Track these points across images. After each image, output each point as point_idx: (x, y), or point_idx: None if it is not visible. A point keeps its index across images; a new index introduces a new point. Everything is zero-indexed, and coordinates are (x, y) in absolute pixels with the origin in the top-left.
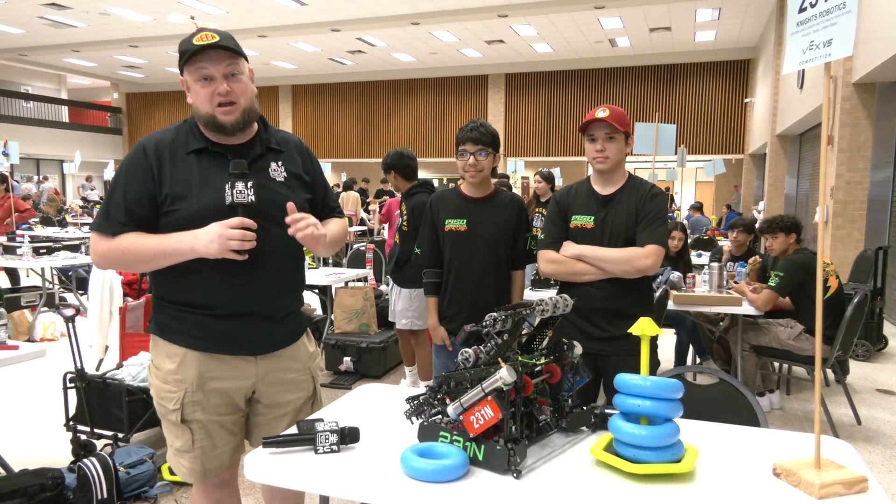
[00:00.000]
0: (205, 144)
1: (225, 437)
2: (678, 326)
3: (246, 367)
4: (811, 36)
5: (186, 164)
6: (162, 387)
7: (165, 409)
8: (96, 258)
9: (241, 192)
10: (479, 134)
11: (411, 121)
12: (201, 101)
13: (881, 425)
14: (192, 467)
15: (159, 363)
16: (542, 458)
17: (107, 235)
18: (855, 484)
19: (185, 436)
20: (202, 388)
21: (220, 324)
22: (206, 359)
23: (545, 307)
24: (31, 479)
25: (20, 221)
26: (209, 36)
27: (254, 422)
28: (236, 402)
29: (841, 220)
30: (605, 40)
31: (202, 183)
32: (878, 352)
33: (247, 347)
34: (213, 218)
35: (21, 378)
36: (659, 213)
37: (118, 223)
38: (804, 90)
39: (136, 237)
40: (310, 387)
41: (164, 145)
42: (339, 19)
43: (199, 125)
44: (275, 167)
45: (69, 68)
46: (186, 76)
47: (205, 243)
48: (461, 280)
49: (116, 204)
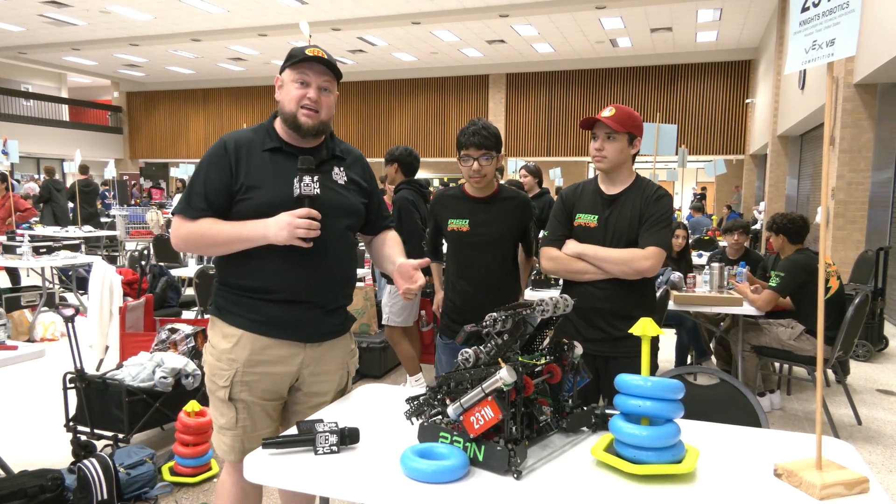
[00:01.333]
0: (279, 144)
1: (265, 421)
2: (679, 327)
3: (294, 354)
4: (814, 35)
5: (261, 160)
6: (215, 364)
7: (215, 386)
8: (176, 239)
9: (307, 185)
10: (481, 138)
11: (412, 120)
12: (290, 100)
13: (882, 426)
14: (233, 444)
15: (216, 342)
16: (542, 458)
17: (188, 218)
18: (856, 484)
19: (230, 413)
20: (252, 369)
21: (277, 308)
22: (260, 341)
23: (545, 307)
24: (31, 481)
25: (20, 221)
26: (317, 51)
27: (291, 410)
28: (280, 388)
29: (842, 221)
30: (606, 40)
31: (274, 176)
32: (879, 352)
33: (298, 333)
34: (281, 208)
35: (21, 378)
36: (663, 215)
37: (198, 209)
38: (805, 91)
39: (213, 222)
40: (343, 381)
41: (242, 143)
42: (340, 18)
43: (275, 127)
44: (337, 171)
45: (69, 67)
46: (286, 75)
47: (275, 230)
48: (463, 280)
49: (197, 192)
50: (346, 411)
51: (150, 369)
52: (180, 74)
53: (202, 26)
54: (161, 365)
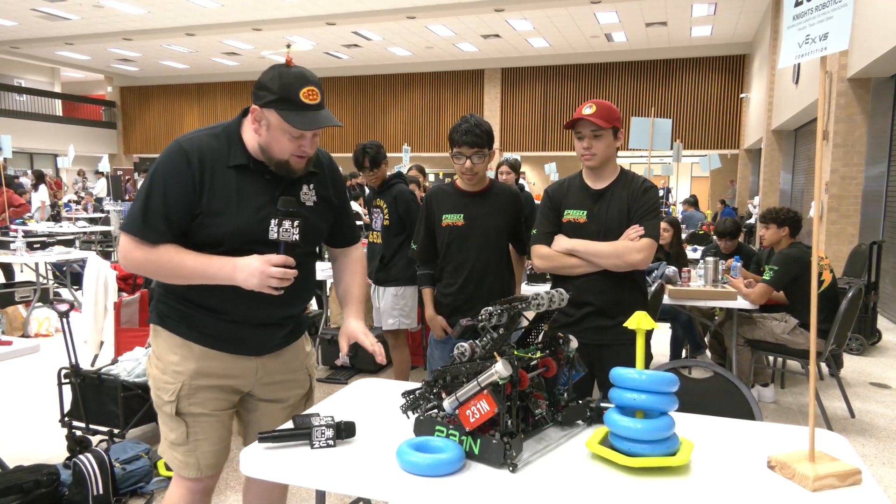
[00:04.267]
0: (247, 162)
1: (220, 432)
2: (673, 321)
3: (246, 366)
4: (807, 30)
5: (226, 179)
6: (160, 377)
7: (161, 401)
8: (129, 263)
9: (287, 230)
10: (474, 136)
11: (407, 115)
12: (280, 149)
13: (875, 418)
14: (187, 460)
15: (160, 353)
16: (537, 451)
17: (145, 243)
18: (848, 476)
19: (180, 428)
20: (200, 382)
21: (226, 325)
22: (208, 354)
23: (541, 301)
24: (27, 476)
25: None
26: (314, 95)
27: (248, 419)
28: (232, 398)
29: (835, 215)
30: (601, 35)
31: (239, 202)
32: (872, 346)
33: (250, 349)
34: (244, 239)
35: (15, 374)
36: (651, 207)
37: (157, 232)
38: (799, 86)
39: (175, 252)
40: (306, 384)
41: (206, 155)
42: (334, 13)
43: (243, 137)
44: (306, 191)
45: (62, 61)
46: (273, 118)
47: (245, 276)
48: (459, 274)
49: (155, 211)
50: (342, 405)
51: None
52: (174, 69)
53: (196, 20)
54: None
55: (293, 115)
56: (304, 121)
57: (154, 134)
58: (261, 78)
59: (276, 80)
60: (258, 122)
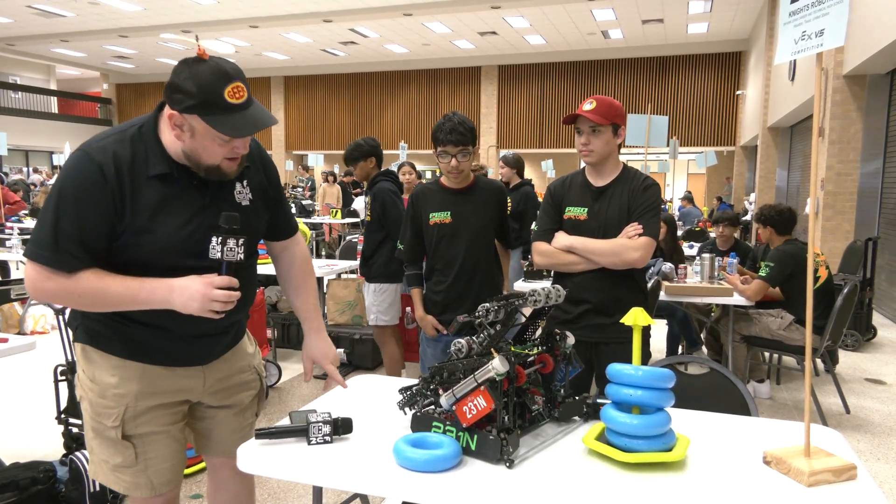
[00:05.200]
0: (170, 170)
1: (171, 446)
2: (670, 317)
3: (193, 377)
4: (803, 26)
5: (146, 189)
6: (99, 402)
7: (102, 426)
8: (38, 295)
9: (231, 249)
10: (458, 135)
11: (404, 112)
12: (209, 154)
13: (870, 414)
14: (137, 482)
15: (95, 376)
16: (534, 447)
17: (59, 272)
18: (844, 471)
19: (127, 451)
20: (145, 402)
21: (167, 341)
22: (151, 371)
23: (537, 298)
24: (23, 473)
25: (10, 214)
26: (240, 92)
27: (199, 427)
28: (182, 409)
29: (831, 212)
30: (597, 32)
31: (165, 215)
32: (867, 342)
33: (195, 360)
34: (174, 256)
35: (11, 371)
36: (651, 205)
37: (73, 258)
38: (795, 82)
39: (96, 278)
40: (256, 385)
41: (123, 165)
42: (331, 10)
43: (161, 141)
44: (240, 189)
45: (58, 58)
46: (196, 123)
47: (183, 300)
48: (449, 271)
49: (68, 234)
50: (339, 401)
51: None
52: (170, 66)
53: (192, 18)
54: None
55: (220, 120)
56: (234, 125)
57: None
58: (172, 77)
59: (193, 81)
60: (179, 128)
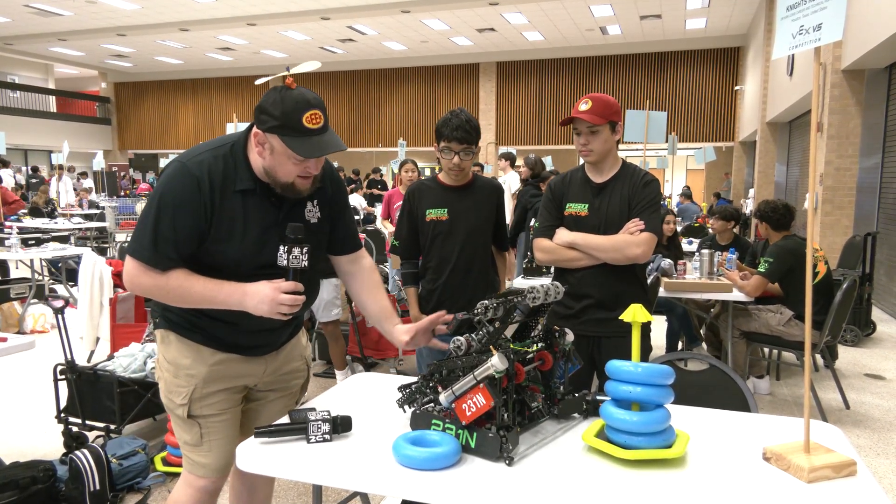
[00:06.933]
0: (254, 186)
1: (232, 431)
2: (669, 313)
3: (256, 365)
4: (801, 20)
5: (233, 203)
6: (172, 381)
7: (173, 404)
8: (134, 288)
9: (297, 257)
10: (464, 133)
11: (403, 110)
12: (285, 172)
13: (869, 409)
14: (205, 462)
15: (171, 358)
16: (534, 444)
17: (154, 270)
18: (844, 468)
19: (194, 430)
20: (211, 385)
21: (238, 334)
22: (220, 358)
23: (536, 295)
24: (23, 472)
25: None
26: (317, 119)
27: (248, 408)
28: (241, 395)
29: (830, 207)
30: (595, 28)
31: (244, 227)
32: (867, 337)
33: (260, 351)
34: (249, 264)
35: (11, 370)
36: (651, 200)
37: (167, 258)
38: (793, 78)
39: (185, 278)
40: (305, 373)
41: (216, 180)
42: (329, 7)
43: (249, 160)
44: (310, 208)
45: (56, 57)
46: (277, 143)
47: (255, 303)
48: (444, 269)
49: (166, 237)
50: (338, 400)
51: (142, 360)
52: (168, 65)
53: (190, 16)
54: (152, 356)
55: (296, 142)
56: (308, 148)
57: (149, 129)
58: (262, 101)
59: (278, 105)
60: (261, 146)
